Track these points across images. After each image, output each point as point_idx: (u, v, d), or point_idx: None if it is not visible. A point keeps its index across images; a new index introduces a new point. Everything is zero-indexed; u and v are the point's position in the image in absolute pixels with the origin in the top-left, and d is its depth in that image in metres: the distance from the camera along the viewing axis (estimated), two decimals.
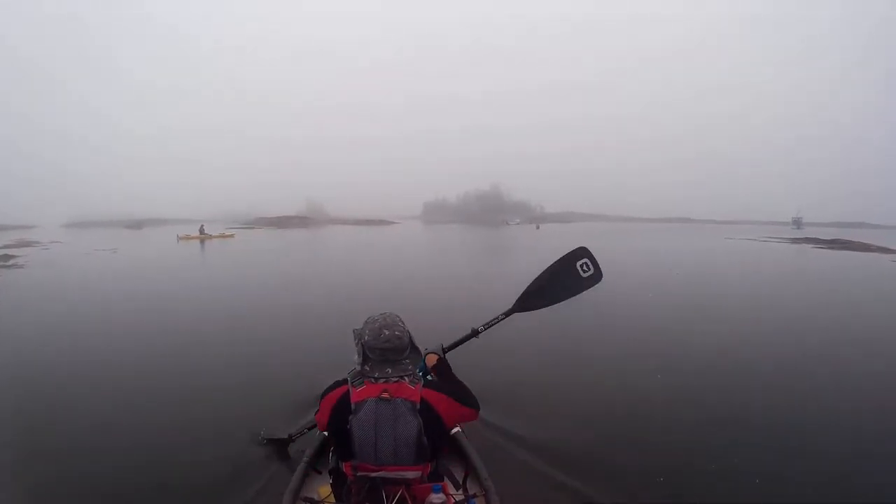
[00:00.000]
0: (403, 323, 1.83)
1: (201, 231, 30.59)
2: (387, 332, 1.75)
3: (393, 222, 78.86)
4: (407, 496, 1.65)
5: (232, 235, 32.24)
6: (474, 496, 1.96)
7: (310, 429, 2.86)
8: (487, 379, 4.19)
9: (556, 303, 2.48)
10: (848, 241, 27.42)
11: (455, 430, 2.30)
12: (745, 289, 10.77)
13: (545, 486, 2.76)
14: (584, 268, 2.46)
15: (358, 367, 1.76)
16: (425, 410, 1.69)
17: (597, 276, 2.45)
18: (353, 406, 1.68)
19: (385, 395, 1.67)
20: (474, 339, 2.46)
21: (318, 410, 1.86)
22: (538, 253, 17.35)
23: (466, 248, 24.34)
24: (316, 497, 1.97)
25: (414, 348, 1.84)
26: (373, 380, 1.72)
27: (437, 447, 1.77)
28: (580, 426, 3.55)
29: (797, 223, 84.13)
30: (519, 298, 2.52)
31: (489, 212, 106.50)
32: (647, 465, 2.98)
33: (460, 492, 2.02)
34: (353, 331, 1.89)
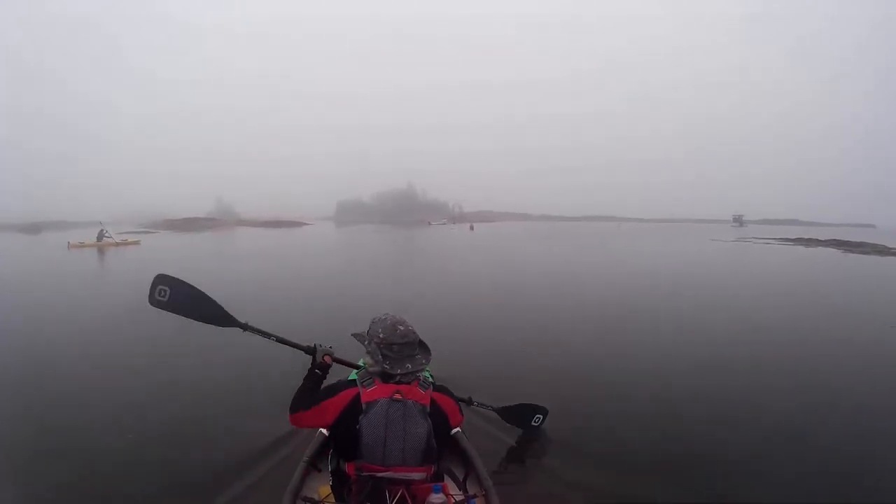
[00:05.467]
0: None
1: (99, 237, 25.40)
2: (401, 328, 1.77)
3: (304, 223, 74.83)
4: (407, 496, 1.67)
5: (137, 242, 27.58)
6: (474, 496, 1.98)
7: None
8: (488, 378, 4.64)
9: (505, 422, 3.37)
10: (865, 244, 26.38)
11: (455, 430, 2.32)
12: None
13: (545, 485, 2.82)
14: (536, 420, 3.40)
15: (375, 368, 1.76)
16: (435, 413, 1.74)
17: (538, 431, 3.42)
18: (364, 406, 1.69)
19: (397, 396, 1.69)
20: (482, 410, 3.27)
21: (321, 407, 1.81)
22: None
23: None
24: (316, 497, 1.96)
25: (422, 344, 1.84)
26: (390, 380, 1.73)
27: (442, 449, 1.82)
28: (581, 426, 3.62)
29: (738, 221, 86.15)
30: (505, 408, 3.34)
31: (405, 211, 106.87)
32: (647, 465, 3.05)
33: (461, 492, 2.05)
34: (354, 335, 1.95)
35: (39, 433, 3.53)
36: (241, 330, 2.46)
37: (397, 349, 1.75)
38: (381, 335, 1.78)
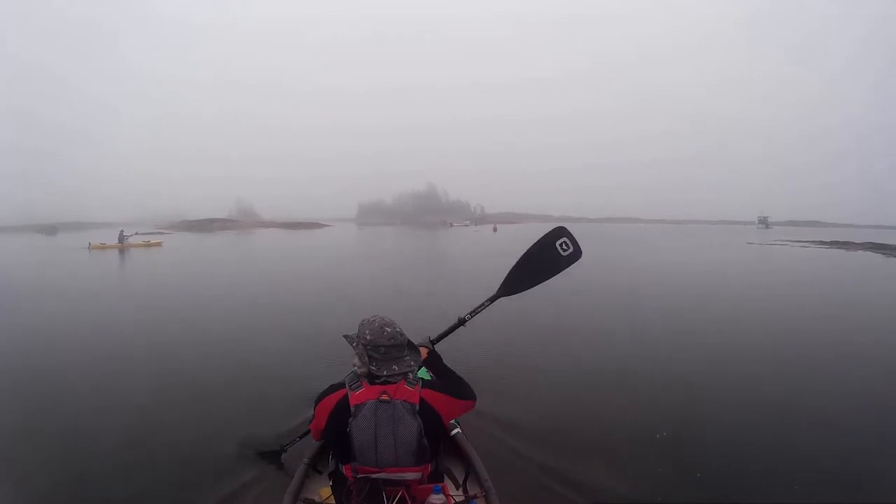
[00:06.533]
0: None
1: (120, 238, 25.71)
2: (388, 330, 1.75)
3: (324, 224, 75.49)
4: (407, 497, 1.66)
5: (159, 244, 27.98)
6: (474, 496, 1.97)
7: (302, 437, 2.78)
8: (489, 378, 4.35)
9: (539, 283, 2.47)
10: None
11: (455, 431, 2.35)
12: None
13: (545, 486, 2.78)
14: (564, 246, 2.45)
15: (362, 369, 1.72)
16: (425, 411, 1.68)
17: (576, 254, 2.45)
18: (352, 409, 1.66)
19: (384, 397, 1.66)
20: (461, 328, 2.38)
21: (312, 418, 1.83)
22: None
23: None
24: (316, 498, 1.95)
25: (411, 345, 1.84)
26: (376, 381, 1.70)
27: (437, 448, 1.76)
28: (582, 427, 3.57)
29: (764, 223, 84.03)
30: (503, 283, 2.49)
31: (426, 212, 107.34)
32: (648, 465, 3.03)
33: (460, 492, 2.02)
34: (345, 337, 1.88)
35: (41, 433, 3.49)
36: None
37: (384, 350, 1.73)
38: (368, 336, 1.75)
